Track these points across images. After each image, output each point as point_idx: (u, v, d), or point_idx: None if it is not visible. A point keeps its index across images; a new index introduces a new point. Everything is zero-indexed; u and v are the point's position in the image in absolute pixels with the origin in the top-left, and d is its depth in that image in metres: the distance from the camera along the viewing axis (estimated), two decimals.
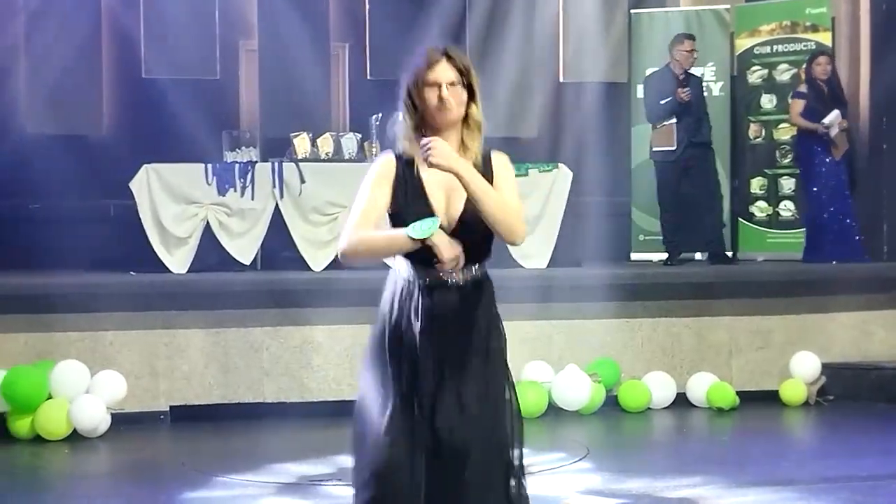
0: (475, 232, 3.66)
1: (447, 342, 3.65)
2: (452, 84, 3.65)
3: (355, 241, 3.60)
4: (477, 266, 3.72)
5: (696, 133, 10.24)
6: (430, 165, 3.55)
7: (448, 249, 3.56)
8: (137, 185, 9.15)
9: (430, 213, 3.62)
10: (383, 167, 3.70)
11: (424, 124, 3.69)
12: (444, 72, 3.65)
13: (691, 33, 10.63)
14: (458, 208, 3.66)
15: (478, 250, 3.71)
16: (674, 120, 10.19)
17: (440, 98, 3.63)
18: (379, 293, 3.79)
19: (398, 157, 3.71)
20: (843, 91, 10.43)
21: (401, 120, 3.73)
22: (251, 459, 6.96)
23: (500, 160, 3.77)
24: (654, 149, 10.36)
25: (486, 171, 3.69)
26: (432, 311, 3.65)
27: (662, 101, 10.21)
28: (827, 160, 10.06)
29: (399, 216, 3.65)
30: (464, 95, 3.67)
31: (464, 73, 3.67)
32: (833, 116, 9.99)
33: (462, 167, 3.57)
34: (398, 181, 3.68)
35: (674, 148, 10.20)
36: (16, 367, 7.70)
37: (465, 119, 3.70)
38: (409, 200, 3.65)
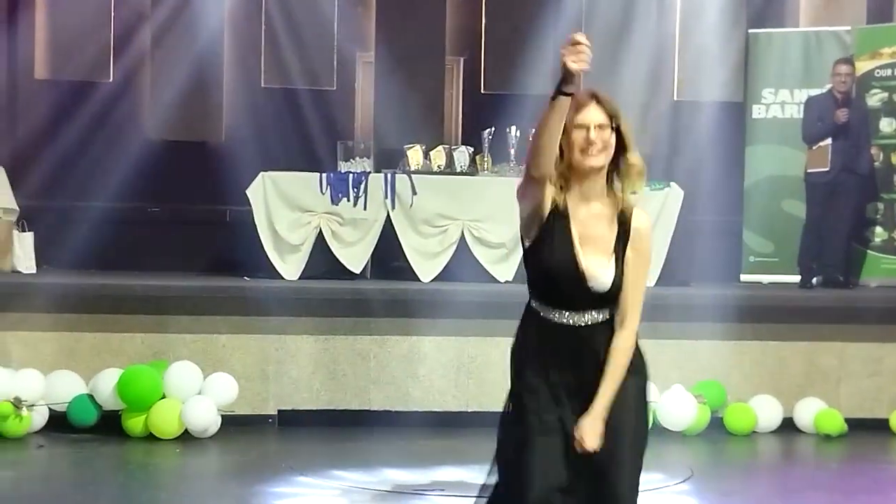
0: (607, 297, 3.67)
1: (581, 372, 3.66)
2: (600, 127, 3.62)
3: (532, 142, 3.55)
4: (604, 312, 3.70)
5: (854, 160, 10.04)
6: (570, 70, 3.38)
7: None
8: (254, 192, 9.34)
9: (574, 264, 3.63)
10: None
11: (570, 170, 3.67)
12: (593, 114, 3.63)
13: (849, 57, 10.44)
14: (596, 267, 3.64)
15: (607, 302, 3.69)
16: (829, 141, 10.05)
17: (587, 140, 3.60)
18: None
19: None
20: None
21: None
22: (355, 465, 7.08)
23: (641, 223, 3.72)
24: (809, 170, 10.19)
25: (624, 228, 3.68)
26: (559, 345, 3.67)
27: (820, 123, 10.07)
28: None
29: (539, 252, 3.66)
30: (612, 139, 3.64)
31: (612, 117, 3.65)
32: None
33: None
34: (551, 215, 3.65)
35: (827, 169, 10.02)
36: (132, 366, 7.93)
37: (617, 166, 3.67)
38: (555, 244, 3.64)
